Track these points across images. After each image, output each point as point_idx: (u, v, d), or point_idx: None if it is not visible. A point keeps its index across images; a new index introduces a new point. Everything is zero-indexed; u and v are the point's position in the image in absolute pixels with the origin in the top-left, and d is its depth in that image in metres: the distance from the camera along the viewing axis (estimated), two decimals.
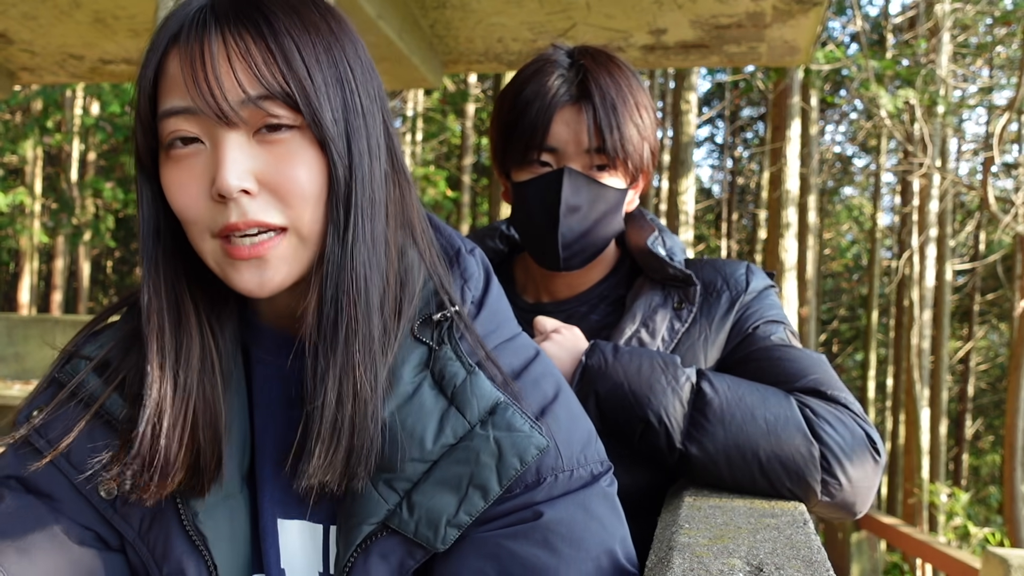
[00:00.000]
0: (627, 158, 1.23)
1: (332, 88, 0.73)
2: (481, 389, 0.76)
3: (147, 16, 3.92)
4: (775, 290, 1.33)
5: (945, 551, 5.29)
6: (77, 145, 17.14)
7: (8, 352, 8.83)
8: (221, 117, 0.69)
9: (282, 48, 0.71)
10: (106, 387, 0.80)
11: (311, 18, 0.74)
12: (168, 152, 0.73)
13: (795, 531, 0.90)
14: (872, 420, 4.47)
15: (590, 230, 1.25)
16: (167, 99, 0.72)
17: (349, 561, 0.75)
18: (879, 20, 16.21)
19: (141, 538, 0.79)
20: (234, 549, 0.81)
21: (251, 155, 0.71)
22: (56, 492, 0.80)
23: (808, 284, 11.20)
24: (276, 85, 0.70)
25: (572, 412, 0.82)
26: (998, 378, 20.62)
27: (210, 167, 0.71)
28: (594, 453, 0.81)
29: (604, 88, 1.21)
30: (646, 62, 4.33)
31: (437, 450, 0.74)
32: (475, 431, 0.74)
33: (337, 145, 0.73)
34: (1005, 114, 8.26)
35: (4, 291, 22.31)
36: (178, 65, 0.71)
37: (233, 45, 0.70)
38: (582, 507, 0.76)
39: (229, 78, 0.69)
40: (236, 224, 0.71)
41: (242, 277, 0.73)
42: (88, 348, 0.84)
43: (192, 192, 0.72)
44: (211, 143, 0.72)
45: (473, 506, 0.73)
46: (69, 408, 0.81)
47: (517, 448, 0.73)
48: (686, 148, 11.15)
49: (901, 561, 9.01)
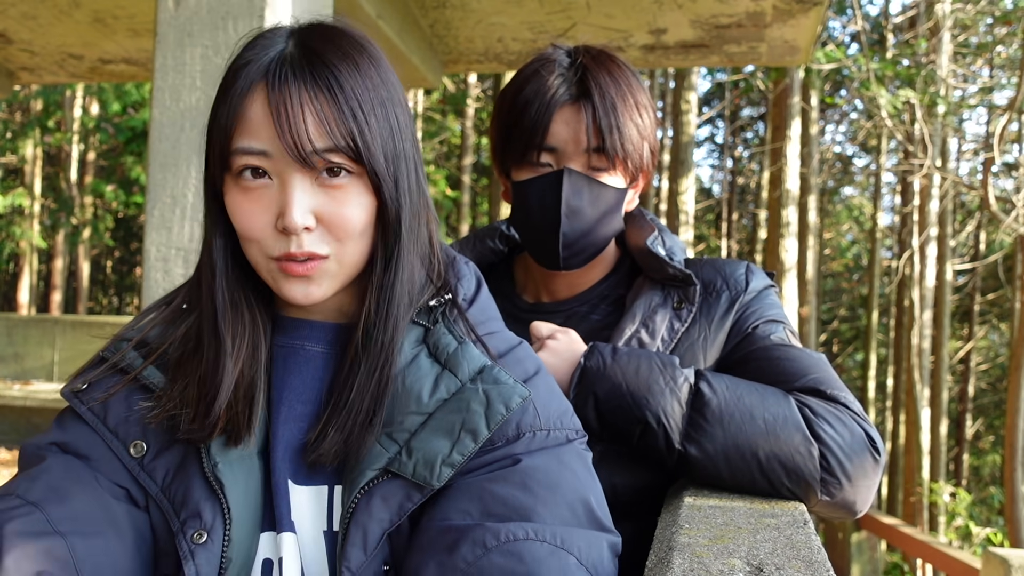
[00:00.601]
0: (627, 158, 1.23)
1: (386, 139, 0.86)
2: (470, 354, 0.88)
3: (147, 16, 3.92)
4: (775, 290, 1.33)
5: (945, 551, 5.29)
6: (77, 145, 17.14)
7: (8, 352, 8.83)
8: (298, 162, 0.82)
9: (350, 108, 0.84)
10: (144, 361, 0.92)
11: (369, 74, 0.87)
12: (238, 180, 0.86)
13: (795, 531, 0.90)
14: (872, 420, 4.47)
15: (590, 230, 1.25)
16: (246, 138, 0.84)
17: (353, 503, 0.83)
18: (879, 20, 16.22)
19: (163, 491, 0.88)
20: (247, 503, 0.89)
21: (313, 195, 0.84)
22: (93, 453, 0.90)
23: (808, 284, 11.20)
24: (342, 140, 0.83)
25: (551, 387, 0.93)
26: (998, 378, 20.63)
27: (276, 201, 0.85)
28: (570, 422, 0.90)
29: (604, 87, 1.21)
30: (646, 62, 4.33)
31: (432, 403, 0.85)
32: (466, 386, 0.86)
33: (389, 188, 0.87)
34: (1005, 114, 8.26)
35: (4, 291, 22.32)
36: (261, 109, 0.83)
37: (310, 103, 0.82)
38: (557, 459, 0.86)
39: (303, 131, 0.82)
40: (294, 254, 0.84)
41: (292, 289, 0.87)
42: (129, 332, 0.97)
43: (258, 220, 0.85)
44: (279, 181, 0.85)
45: (465, 447, 0.82)
46: (110, 378, 0.93)
47: (503, 396, 0.84)
48: (686, 148, 11.15)
49: (901, 561, 9.01)
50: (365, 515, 0.82)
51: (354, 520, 0.83)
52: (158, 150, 2.52)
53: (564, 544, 0.78)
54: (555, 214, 1.22)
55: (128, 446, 0.89)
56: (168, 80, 2.50)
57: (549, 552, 0.77)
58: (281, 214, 0.84)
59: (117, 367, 0.93)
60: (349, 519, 0.83)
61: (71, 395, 0.92)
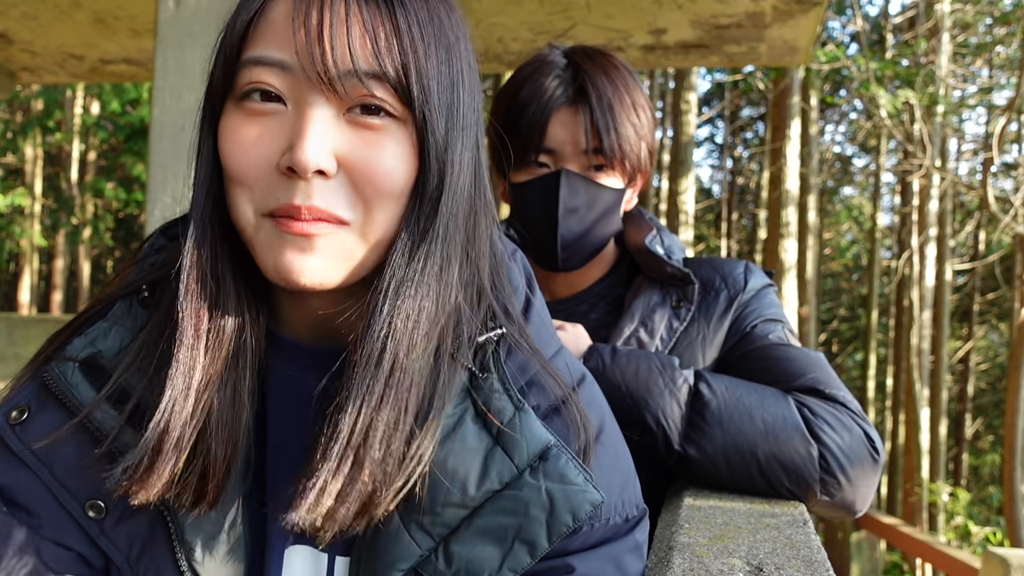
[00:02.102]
0: (624, 158, 1.23)
1: (444, 88, 0.66)
2: (531, 429, 0.68)
3: (147, 16, 3.92)
4: (773, 289, 1.33)
5: (945, 551, 5.29)
6: (77, 145, 17.13)
7: (8, 352, 8.82)
8: (322, 82, 0.61)
9: (409, 30, 0.63)
10: (97, 395, 0.70)
11: (439, 12, 0.67)
12: (240, 103, 0.64)
13: (795, 531, 0.90)
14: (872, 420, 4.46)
15: (588, 230, 1.25)
16: (260, 45, 0.63)
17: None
18: (879, 20, 16.21)
19: (131, 565, 0.71)
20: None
21: (339, 132, 0.63)
22: (35, 506, 0.70)
23: (808, 284, 11.19)
24: (391, 67, 0.62)
25: (616, 449, 0.77)
26: (998, 378, 20.61)
27: (286, 133, 0.63)
28: (631, 496, 0.76)
29: (601, 88, 1.21)
30: (646, 62, 4.33)
31: (480, 496, 0.67)
32: (524, 479, 0.67)
33: (438, 148, 0.65)
34: (1005, 114, 8.26)
35: (4, 291, 22.30)
36: (286, 11, 0.62)
37: (356, 10, 0.62)
38: (614, 563, 0.71)
39: (343, 43, 0.61)
40: (297, 207, 0.62)
41: (283, 257, 0.63)
42: (77, 345, 0.73)
43: (255, 155, 0.63)
44: (295, 107, 0.63)
45: (518, 563, 0.67)
46: (54, 412, 0.71)
47: (571, 503, 0.67)
48: (686, 148, 11.15)
49: (901, 561, 9.01)
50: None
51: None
52: (158, 150, 2.52)
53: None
54: (553, 215, 1.22)
55: (84, 506, 0.69)
56: (168, 80, 2.50)
57: None
58: (290, 147, 0.61)
59: (62, 401, 0.70)
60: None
61: (7, 426, 0.71)
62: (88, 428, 0.70)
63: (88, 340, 0.73)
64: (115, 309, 0.75)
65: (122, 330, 0.73)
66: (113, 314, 0.74)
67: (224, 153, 0.65)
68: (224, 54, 0.65)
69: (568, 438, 0.71)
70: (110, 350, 0.72)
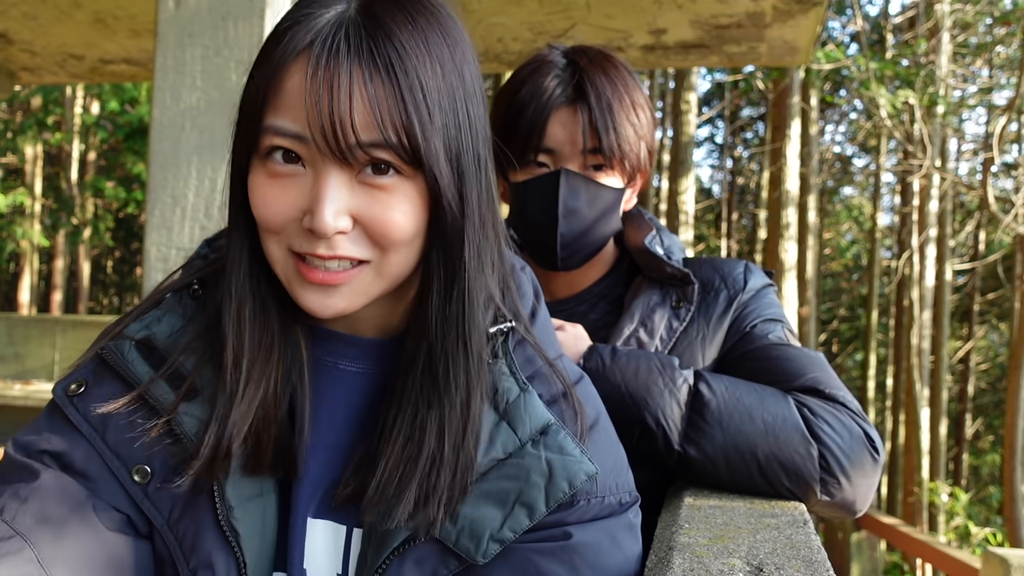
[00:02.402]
0: (624, 158, 1.23)
1: (451, 138, 0.72)
2: (534, 408, 0.77)
3: (147, 16, 3.92)
4: (773, 289, 1.33)
5: (945, 551, 5.29)
6: (77, 145, 17.13)
7: (8, 352, 8.83)
8: (335, 154, 0.68)
9: (412, 96, 0.69)
10: (152, 370, 0.79)
11: (441, 55, 0.72)
12: (265, 161, 0.72)
13: (795, 531, 0.90)
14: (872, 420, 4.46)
15: (588, 230, 1.25)
16: (280, 116, 0.70)
17: (384, 564, 0.75)
18: (879, 20, 16.21)
19: (170, 527, 0.78)
20: (263, 546, 0.80)
21: (351, 193, 0.71)
22: (91, 471, 0.78)
23: (808, 284, 11.20)
24: (393, 136, 0.69)
25: (610, 439, 0.84)
26: (998, 378, 20.62)
27: (306, 193, 0.71)
28: (625, 483, 0.82)
29: (600, 88, 1.21)
30: (646, 62, 4.33)
31: (486, 463, 0.75)
32: (526, 448, 0.75)
33: (450, 197, 0.72)
34: (1005, 114, 8.26)
35: (4, 291, 22.30)
36: (300, 85, 0.69)
37: (361, 85, 0.68)
38: (609, 535, 0.78)
39: (347, 121, 0.68)
40: (322, 255, 0.71)
41: (307, 296, 0.73)
42: (133, 329, 0.82)
43: (281, 210, 0.71)
44: (313, 170, 0.71)
45: (518, 523, 0.74)
46: (110, 385, 0.79)
47: (568, 472, 0.75)
48: (686, 148, 11.15)
49: (901, 561, 9.01)
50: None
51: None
52: (158, 150, 2.52)
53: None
54: (552, 215, 1.22)
55: (131, 470, 0.77)
56: (168, 80, 2.50)
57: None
58: (310, 211, 0.70)
59: (118, 374, 0.80)
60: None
61: (65, 398, 0.80)
62: (143, 399, 0.78)
63: (143, 324, 0.82)
64: (167, 300, 0.84)
65: (174, 317, 0.82)
66: (165, 304, 0.84)
67: (254, 205, 0.73)
68: (247, 118, 0.73)
69: (566, 423, 0.79)
70: (163, 333, 0.81)
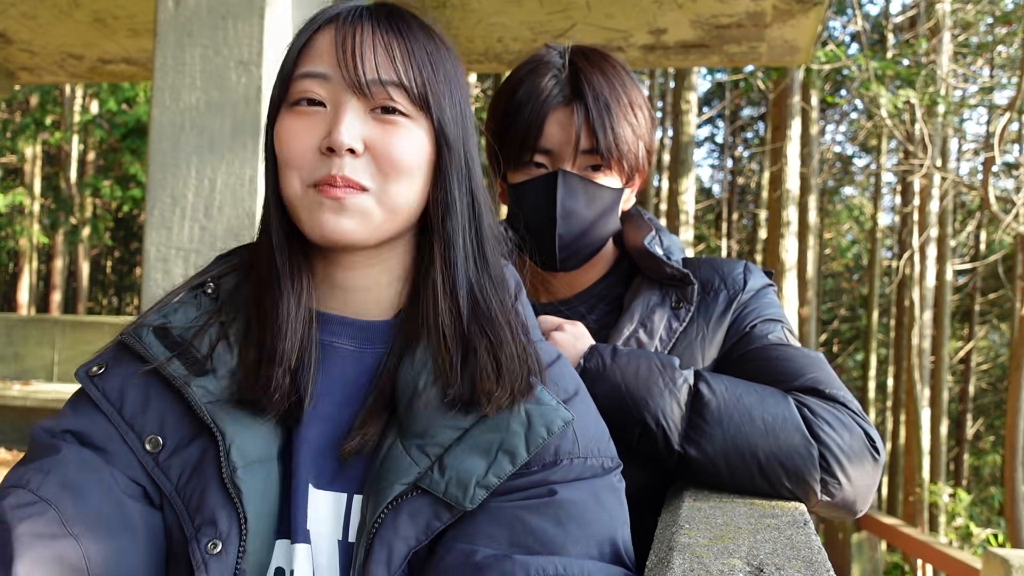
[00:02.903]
0: (621, 158, 1.22)
1: (448, 98, 0.86)
2: None
3: (147, 16, 3.92)
4: (773, 289, 1.33)
5: (946, 551, 5.29)
6: (77, 144, 17.14)
7: (8, 352, 8.83)
8: (354, 85, 0.81)
9: (419, 55, 0.84)
10: (168, 351, 0.87)
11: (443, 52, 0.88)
12: (292, 108, 0.84)
13: (795, 531, 0.90)
14: (872, 420, 4.47)
15: (587, 231, 1.25)
16: (307, 63, 0.84)
17: (379, 519, 0.79)
18: (879, 20, 16.21)
19: (178, 491, 0.83)
20: (264, 510, 0.84)
21: (365, 122, 0.83)
22: (108, 445, 0.84)
23: (808, 284, 11.19)
24: (407, 78, 0.83)
25: (589, 409, 0.90)
26: (999, 378, 20.62)
27: (326, 125, 0.82)
28: (607, 449, 0.88)
29: (597, 88, 1.21)
30: (646, 62, 4.33)
31: (470, 419, 0.81)
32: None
33: (453, 137, 0.86)
34: (1006, 114, 8.26)
35: (4, 291, 22.32)
36: (328, 40, 0.84)
37: (380, 38, 0.83)
38: (593, 494, 0.82)
39: (371, 59, 0.82)
40: (332, 176, 0.81)
41: (323, 218, 0.82)
42: (151, 318, 0.91)
43: (304, 142, 0.83)
44: (333, 108, 0.83)
45: (502, 469, 0.79)
46: (128, 365, 0.87)
47: (545, 418, 0.81)
48: (686, 148, 11.15)
49: (902, 561, 9.01)
50: (391, 532, 0.79)
51: (379, 536, 0.79)
52: (158, 150, 2.52)
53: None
54: (551, 216, 1.22)
55: (144, 440, 0.84)
56: (168, 80, 2.50)
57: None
58: (328, 132, 0.81)
59: (137, 354, 0.87)
60: (374, 535, 0.79)
61: (87, 379, 0.87)
62: (159, 375, 0.86)
63: (161, 314, 0.91)
64: (183, 296, 0.93)
65: (190, 309, 0.91)
66: (181, 299, 0.92)
67: (279, 142, 0.85)
68: (281, 74, 0.86)
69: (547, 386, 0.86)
70: (179, 321, 0.90)
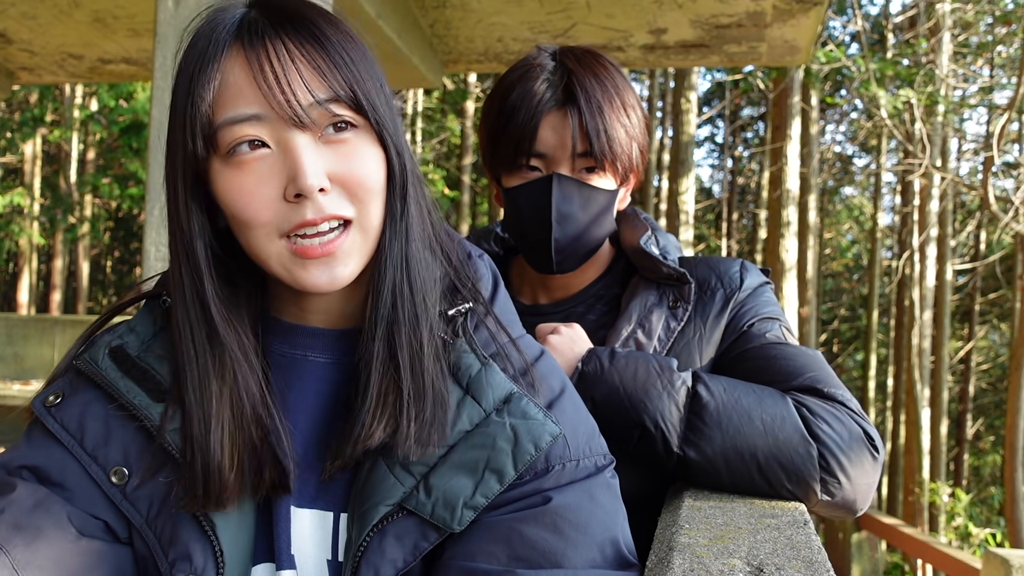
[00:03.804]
0: (615, 159, 1.22)
1: (379, 92, 0.79)
2: (495, 379, 0.80)
3: (147, 16, 3.91)
4: (770, 286, 1.32)
5: (946, 551, 5.29)
6: (76, 144, 17.14)
7: (7, 352, 8.83)
8: (295, 121, 0.73)
9: (340, 56, 0.76)
10: (125, 376, 0.81)
11: (343, 29, 0.79)
12: (229, 159, 0.75)
13: (795, 531, 0.90)
14: (873, 420, 4.47)
15: (582, 233, 1.25)
16: (229, 107, 0.74)
17: (364, 542, 0.77)
18: (879, 20, 16.21)
19: (149, 524, 0.80)
20: (240, 538, 0.81)
21: (321, 155, 0.75)
22: (68, 481, 0.80)
23: (808, 284, 11.19)
24: (341, 89, 0.75)
25: (577, 407, 0.87)
26: (999, 378, 20.62)
27: (280, 170, 0.75)
28: (598, 446, 0.85)
29: (589, 91, 1.20)
30: (646, 62, 4.33)
31: (454, 436, 0.78)
32: (491, 418, 0.79)
33: (394, 140, 0.80)
34: (1005, 114, 8.25)
35: (4, 291, 22.32)
36: (242, 72, 0.74)
37: (298, 53, 0.74)
38: (588, 495, 0.80)
39: (299, 83, 0.74)
40: (312, 220, 0.75)
41: (312, 275, 0.77)
42: (106, 338, 0.85)
43: (263, 195, 0.75)
44: (279, 147, 0.75)
45: (489, 488, 0.76)
46: (85, 392, 0.82)
47: (532, 434, 0.78)
48: (686, 148, 11.14)
49: (902, 561, 9.01)
50: (377, 555, 0.76)
51: (365, 559, 0.76)
52: (158, 149, 2.52)
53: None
54: (546, 220, 1.22)
55: (108, 472, 0.80)
56: (168, 80, 2.50)
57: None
58: (291, 179, 0.74)
59: (93, 382, 0.82)
60: (360, 558, 0.77)
61: (44, 409, 0.82)
62: (118, 403, 0.81)
63: (116, 335, 0.85)
64: (139, 311, 0.87)
65: (145, 326, 0.85)
66: (137, 314, 0.87)
67: (230, 204, 0.76)
68: (198, 125, 0.75)
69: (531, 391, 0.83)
70: (135, 342, 0.84)
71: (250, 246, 0.78)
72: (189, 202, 0.77)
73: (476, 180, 18.15)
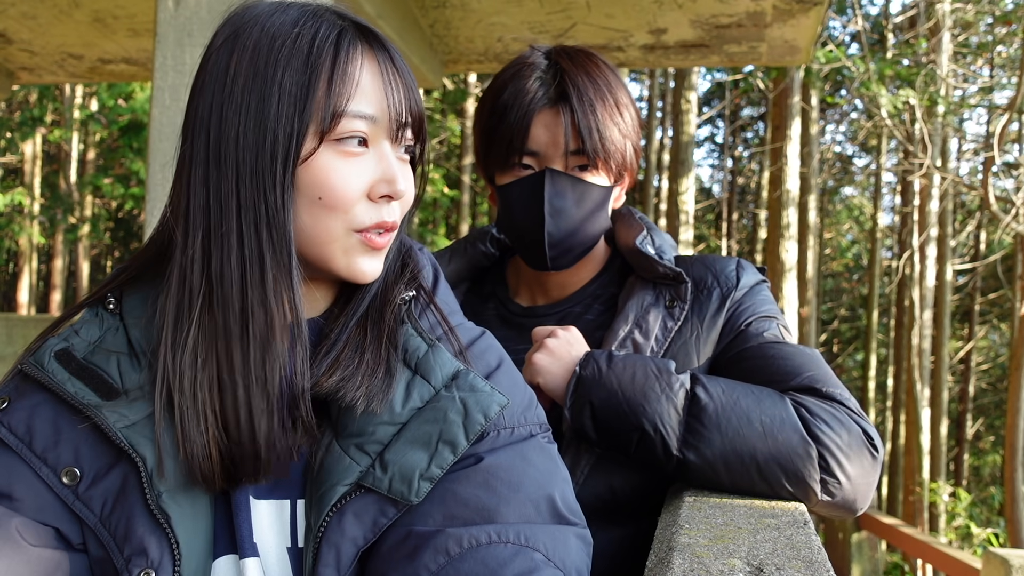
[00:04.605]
0: (608, 158, 1.22)
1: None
2: (442, 359, 0.84)
3: (147, 16, 3.92)
4: (767, 285, 1.32)
5: (946, 551, 5.29)
6: (76, 143, 17.14)
7: (7, 352, 8.82)
8: (393, 133, 0.84)
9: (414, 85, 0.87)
10: (72, 376, 0.82)
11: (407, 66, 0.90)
12: (339, 145, 0.82)
13: (795, 531, 0.90)
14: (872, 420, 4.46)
15: (576, 229, 1.25)
16: (359, 102, 0.81)
17: (324, 523, 0.78)
18: (879, 20, 16.21)
19: (103, 522, 0.79)
20: (197, 530, 0.81)
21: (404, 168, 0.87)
22: (16, 490, 0.79)
23: (808, 284, 11.19)
24: (417, 115, 0.86)
25: (514, 380, 0.90)
26: (999, 378, 20.62)
27: (371, 171, 0.83)
28: (534, 416, 0.88)
29: (582, 89, 1.21)
30: (646, 62, 4.33)
31: (406, 413, 0.81)
32: (441, 393, 0.82)
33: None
34: (1005, 114, 8.25)
35: (4, 291, 22.31)
36: (372, 78, 0.83)
37: (399, 74, 0.85)
38: (520, 455, 0.83)
39: (405, 102, 0.85)
40: (391, 224, 0.85)
41: (366, 264, 0.85)
42: (52, 342, 0.85)
43: (353, 187, 0.82)
44: (376, 151, 0.84)
45: (443, 459, 0.79)
46: (34, 395, 0.83)
47: (481, 405, 0.81)
48: (686, 148, 11.14)
49: (902, 561, 9.01)
50: (337, 534, 0.77)
51: (325, 540, 0.77)
52: (158, 150, 2.52)
53: (529, 542, 0.76)
54: (539, 215, 1.22)
55: (59, 473, 0.79)
56: (168, 80, 2.50)
57: (514, 552, 0.75)
58: (387, 182, 0.83)
59: (40, 384, 0.82)
60: (320, 539, 0.78)
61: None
62: (67, 403, 0.81)
63: (61, 339, 0.85)
64: (83, 314, 0.88)
65: (91, 328, 0.86)
66: (81, 318, 0.88)
67: (322, 181, 0.81)
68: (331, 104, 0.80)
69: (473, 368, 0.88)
70: (81, 343, 0.85)
71: (317, 227, 0.82)
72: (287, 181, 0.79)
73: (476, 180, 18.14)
